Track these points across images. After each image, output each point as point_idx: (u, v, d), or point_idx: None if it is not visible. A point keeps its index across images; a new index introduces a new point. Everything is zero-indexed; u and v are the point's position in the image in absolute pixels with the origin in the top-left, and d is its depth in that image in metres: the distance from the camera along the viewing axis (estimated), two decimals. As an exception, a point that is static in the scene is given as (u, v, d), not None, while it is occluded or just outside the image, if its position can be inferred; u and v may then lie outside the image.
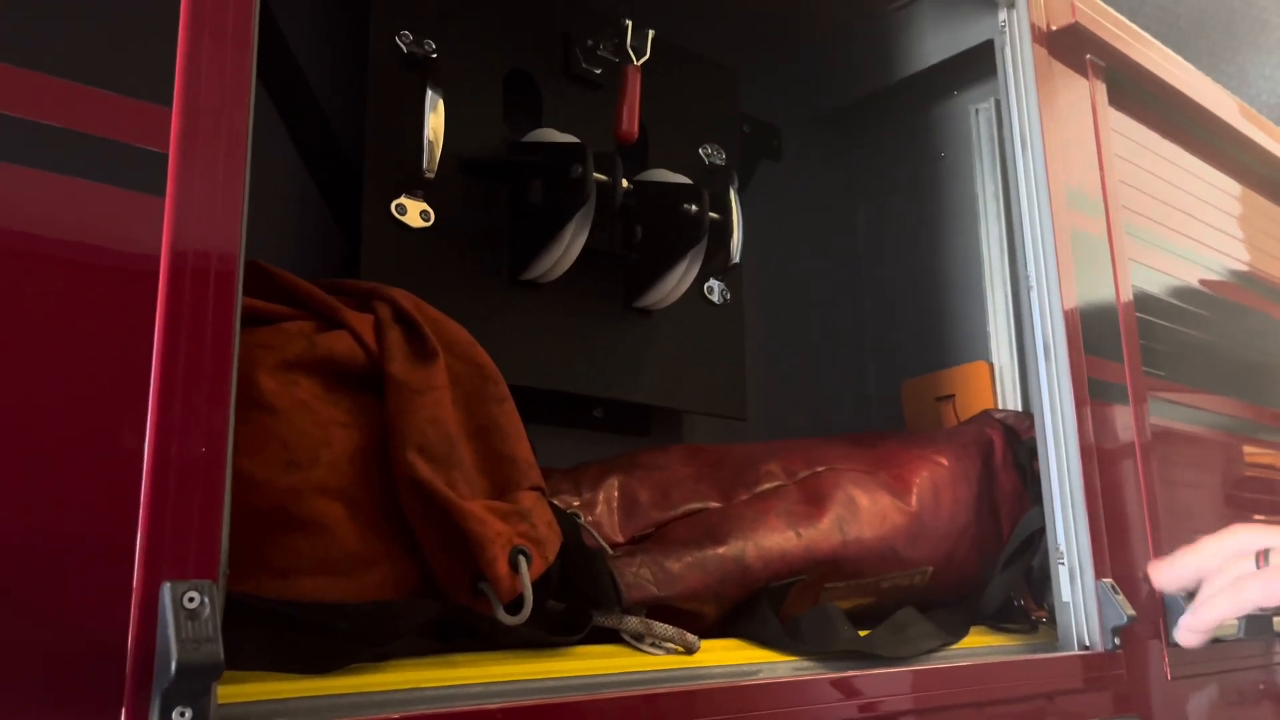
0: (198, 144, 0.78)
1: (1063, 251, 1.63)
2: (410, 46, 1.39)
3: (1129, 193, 1.89)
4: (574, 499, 1.31)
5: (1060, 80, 1.76)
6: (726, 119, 1.83)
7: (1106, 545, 1.55)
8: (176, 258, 0.76)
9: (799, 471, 1.49)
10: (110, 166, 0.74)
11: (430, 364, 1.06)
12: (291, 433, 0.96)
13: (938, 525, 1.53)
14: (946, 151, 2.04)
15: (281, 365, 0.98)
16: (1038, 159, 1.65)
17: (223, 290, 0.78)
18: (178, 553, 0.73)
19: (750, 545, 1.30)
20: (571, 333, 1.51)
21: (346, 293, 1.12)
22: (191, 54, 0.79)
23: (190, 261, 0.77)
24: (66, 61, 0.74)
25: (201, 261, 0.77)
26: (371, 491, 1.00)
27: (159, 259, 0.75)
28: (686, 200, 1.50)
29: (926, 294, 2.03)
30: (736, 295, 1.76)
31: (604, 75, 1.60)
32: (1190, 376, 1.97)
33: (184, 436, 0.75)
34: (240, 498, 0.91)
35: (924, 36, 1.95)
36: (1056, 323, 1.60)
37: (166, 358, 0.74)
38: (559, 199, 1.39)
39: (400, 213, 1.35)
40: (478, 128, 1.45)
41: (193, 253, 0.77)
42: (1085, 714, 1.44)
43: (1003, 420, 1.74)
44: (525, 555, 1.01)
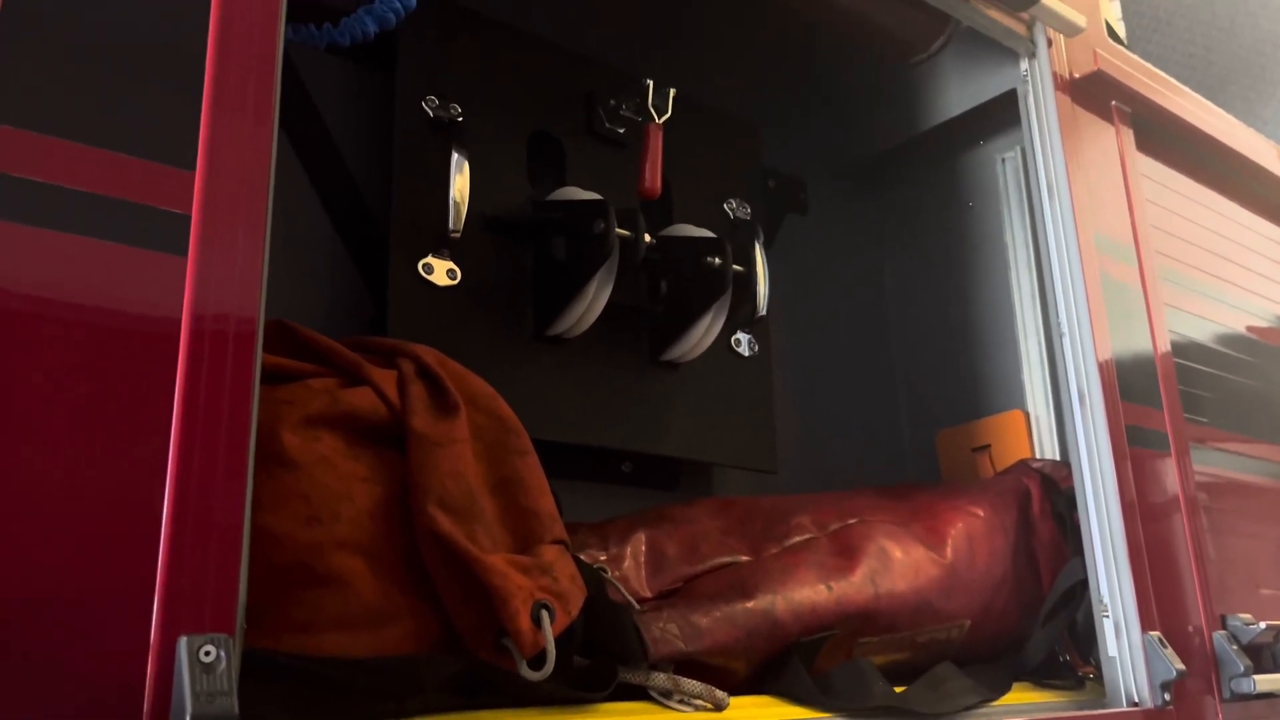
0: (219, 206, 0.81)
1: (1094, 298, 1.61)
2: (436, 110, 1.42)
3: (1162, 238, 1.87)
4: (600, 553, 1.30)
5: (1086, 127, 1.76)
6: (750, 174, 1.85)
7: (1153, 597, 1.51)
8: (197, 317, 0.78)
9: (830, 524, 1.47)
10: (134, 229, 0.77)
11: (452, 417, 1.07)
12: (313, 488, 0.97)
13: (974, 577, 1.50)
14: (974, 201, 2.04)
15: (304, 421, 0.99)
16: (1065, 206, 1.64)
17: (242, 349, 0.80)
18: (195, 606, 0.74)
19: (780, 599, 1.28)
20: (598, 387, 1.51)
21: (371, 350, 1.14)
22: (215, 119, 0.82)
23: (211, 320, 0.79)
24: (94, 128, 0.77)
25: (222, 320, 0.79)
26: (393, 546, 1.00)
27: (180, 318, 0.77)
28: (709, 253, 1.51)
29: (959, 343, 2.01)
30: (764, 347, 1.76)
31: (627, 133, 1.63)
32: (1236, 423, 1.92)
33: (203, 492, 0.76)
34: (262, 553, 0.92)
35: (947, 88, 1.96)
36: (1091, 370, 1.57)
37: (186, 414, 0.76)
38: (582, 255, 1.41)
39: (427, 271, 1.37)
40: (503, 187, 1.48)
41: (213, 312, 0.79)
42: (1135, 774, 1.39)
43: (1040, 470, 1.71)
44: (548, 610, 1.01)
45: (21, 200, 0.73)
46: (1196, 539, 1.64)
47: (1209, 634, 1.57)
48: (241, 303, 0.80)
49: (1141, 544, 1.52)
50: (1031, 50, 1.73)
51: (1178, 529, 1.63)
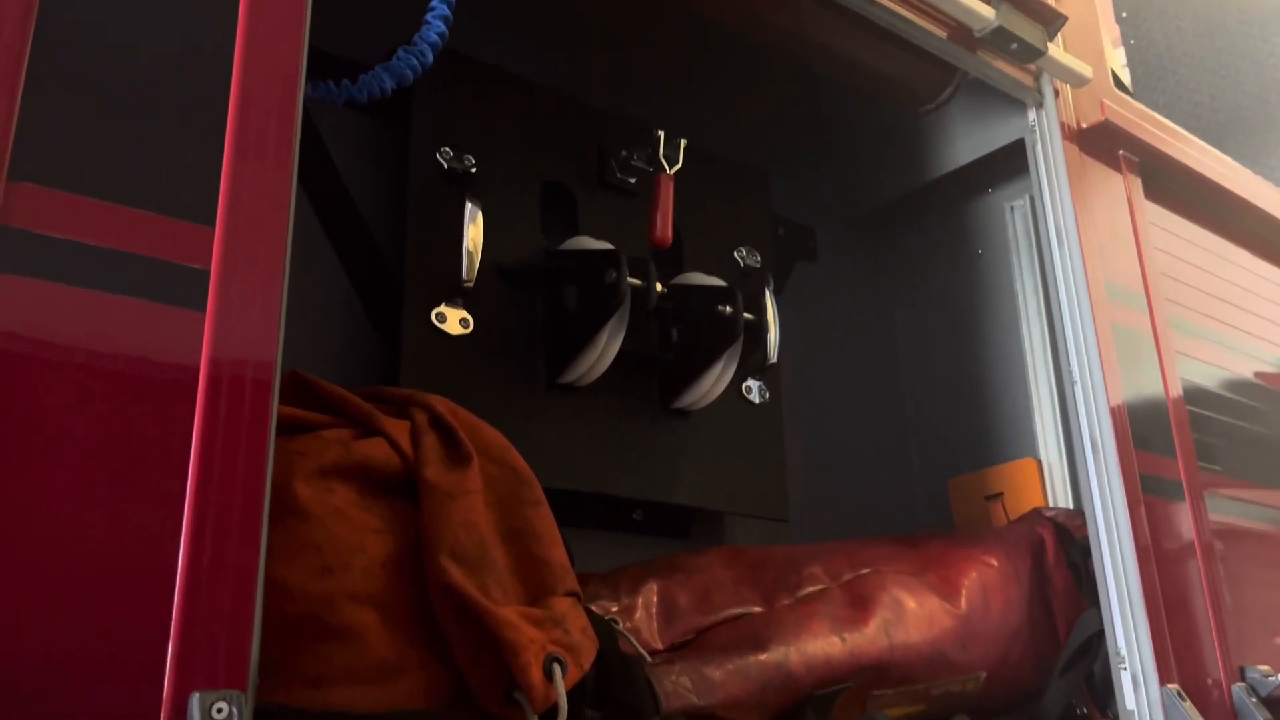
0: (238, 262, 0.82)
1: (1105, 345, 1.61)
2: (450, 162, 1.44)
3: (1172, 285, 1.87)
4: (612, 604, 1.29)
5: (1094, 176, 1.77)
6: (760, 222, 1.86)
7: (1170, 648, 1.49)
8: (215, 370, 0.79)
9: (843, 574, 1.46)
10: (154, 284, 0.78)
11: (465, 468, 1.07)
12: (326, 539, 0.97)
13: (989, 628, 1.49)
14: (984, 248, 2.05)
15: (318, 472, 1.00)
16: (1074, 254, 1.65)
17: (259, 402, 0.80)
18: (208, 663, 0.73)
19: (793, 651, 1.27)
20: (609, 434, 1.52)
21: (385, 400, 1.15)
22: (235, 176, 0.83)
23: (228, 374, 0.79)
24: (117, 186, 0.78)
25: (239, 374, 0.80)
26: (405, 597, 1.00)
27: (198, 371, 0.78)
28: (720, 302, 1.52)
29: (970, 390, 2.01)
30: (775, 395, 1.76)
31: (638, 184, 1.65)
32: (1250, 471, 1.91)
33: (217, 547, 0.76)
34: (274, 604, 0.92)
35: (955, 137, 1.98)
36: (1103, 418, 1.57)
37: (202, 468, 0.76)
38: (594, 304, 1.42)
39: (440, 321, 1.38)
40: (515, 237, 1.49)
41: (230, 365, 0.80)
42: (1156, 831, 1.37)
43: (1053, 518, 1.70)
44: (560, 663, 1.00)
45: (44, 257, 0.74)
46: (1213, 589, 1.62)
47: (1228, 686, 1.55)
48: (259, 356, 0.81)
49: (1158, 594, 1.50)
50: (1039, 100, 1.75)
51: (1194, 579, 1.61)
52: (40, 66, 0.77)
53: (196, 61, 0.85)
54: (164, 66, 0.84)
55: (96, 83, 0.80)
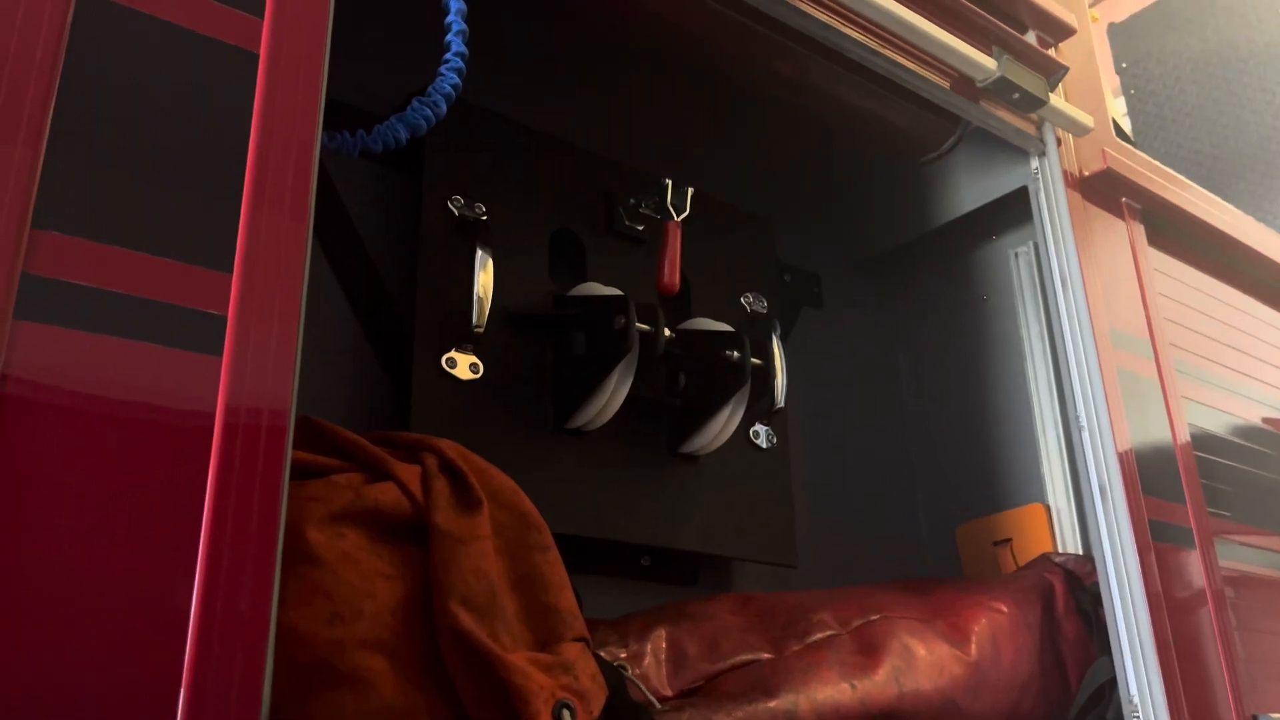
0: (254, 308, 0.83)
1: (1111, 391, 1.62)
2: (461, 209, 1.46)
3: (1178, 331, 1.88)
4: (621, 650, 1.28)
5: (1097, 223, 1.79)
6: (766, 268, 1.88)
7: (1183, 695, 1.47)
8: (231, 415, 0.79)
9: (852, 620, 1.45)
10: (172, 330, 0.79)
11: (475, 514, 1.07)
12: (336, 585, 0.97)
13: (999, 676, 1.47)
14: (989, 295, 2.06)
15: (329, 518, 1.00)
16: (1079, 300, 1.66)
17: (273, 448, 0.81)
18: (219, 708, 0.73)
19: (803, 698, 1.26)
20: (617, 480, 1.52)
21: (395, 444, 1.15)
22: (252, 224, 0.85)
23: (244, 419, 0.80)
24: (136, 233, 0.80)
25: (254, 419, 0.81)
26: (414, 643, 1.00)
27: (214, 416, 0.79)
28: (728, 347, 1.53)
29: (976, 436, 2.01)
30: (783, 440, 1.76)
31: (646, 231, 1.66)
32: (1259, 517, 1.90)
33: (230, 592, 0.76)
34: (284, 651, 0.92)
35: (959, 185, 2.00)
36: (1111, 463, 1.57)
37: (217, 513, 0.77)
38: (603, 349, 1.43)
39: (450, 365, 1.39)
40: (525, 284, 1.51)
41: (246, 411, 0.80)
42: None
43: (1063, 565, 1.69)
44: (569, 709, 1.00)
45: (66, 303, 0.75)
46: (1225, 636, 1.61)
47: (1242, 736, 1.53)
48: (274, 402, 0.81)
49: (1170, 641, 1.49)
50: (1041, 149, 1.77)
51: (1205, 625, 1.60)
52: (64, 118, 0.79)
53: (216, 113, 0.87)
54: (184, 118, 0.86)
55: (118, 133, 0.82)
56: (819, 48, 1.54)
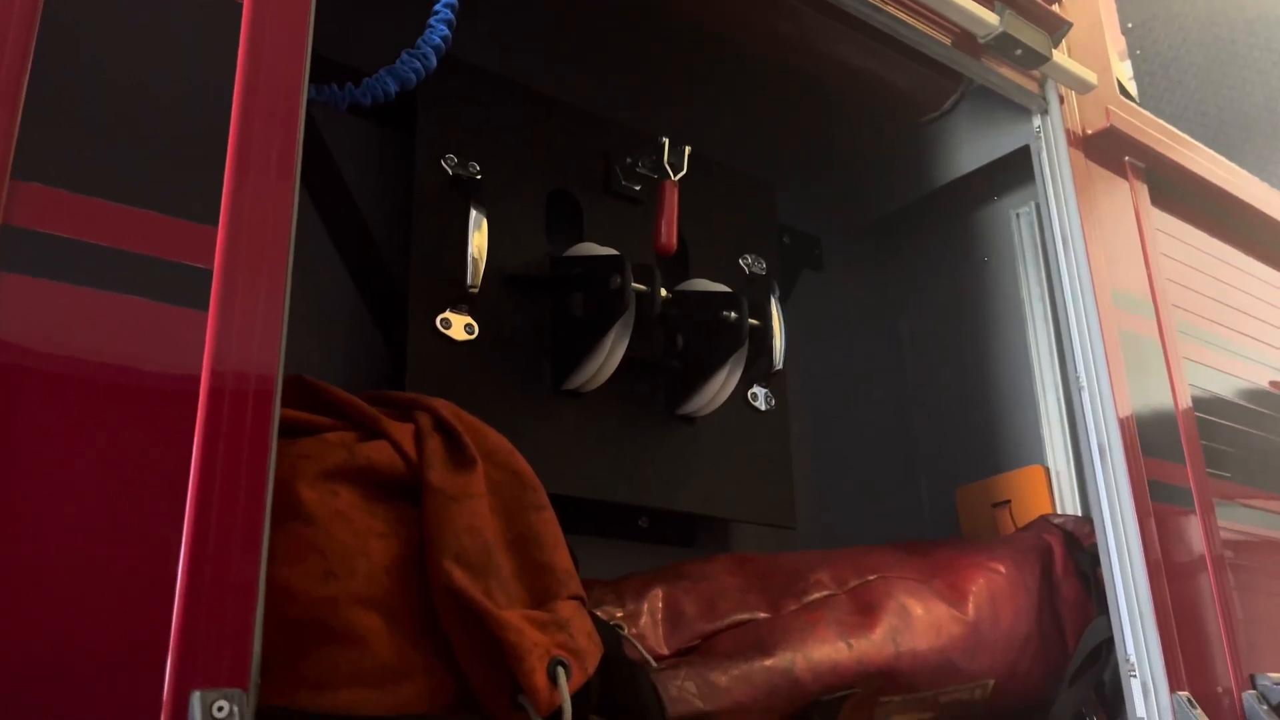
0: (241, 261, 0.82)
1: (1112, 352, 1.61)
2: (455, 168, 1.45)
3: (1180, 292, 1.86)
4: (617, 610, 1.28)
5: (1099, 182, 1.77)
6: (765, 230, 1.86)
7: (1180, 656, 1.47)
8: (218, 369, 0.79)
9: (850, 580, 1.45)
10: (157, 283, 0.78)
11: (469, 472, 1.07)
12: (329, 543, 0.96)
13: (997, 636, 1.47)
14: (990, 256, 2.04)
15: (322, 475, 0.99)
16: (1080, 260, 1.65)
17: (261, 402, 0.80)
18: (209, 661, 0.73)
19: (799, 657, 1.26)
20: (614, 441, 1.51)
21: (389, 404, 1.14)
22: (238, 176, 0.83)
23: (231, 374, 0.79)
24: (119, 185, 0.79)
25: (242, 374, 0.80)
26: (409, 601, 0.99)
27: (200, 372, 0.78)
28: (725, 308, 1.52)
29: (976, 398, 2.01)
30: (781, 402, 1.75)
31: (643, 191, 1.65)
32: (1260, 479, 1.90)
33: (219, 546, 0.76)
34: (278, 608, 0.91)
35: (960, 145, 1.98)
36: (1111, 424, 1.56)
37: (204, 467, 0.76)
38: (599, 309, 1.42)
39: (445, 326, 1.38)
40: (521, 244, 1.50)
41: (233, 365, 0.80)
42: (1168, 841, 1.35)
43: (1062, 526, 1.69)
44: (564, 666, 0.99)
45: (47, 256, 0.74)
46: (1224, 596, 1.61)
47: (1239, 694, 1.53)
48: (261, 357, 0.81)
49: (1168, 601, 1.49)
50: (1044, 107, 1.75)
51: (1204, 586, 1.60)
52: (43, 67, 0.78)
53: (200, 62, 0.85)
54: (167, 68, 0.84)
55: (99, 84, 0.81)
56: (820, 5, 1.51)
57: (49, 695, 0.68)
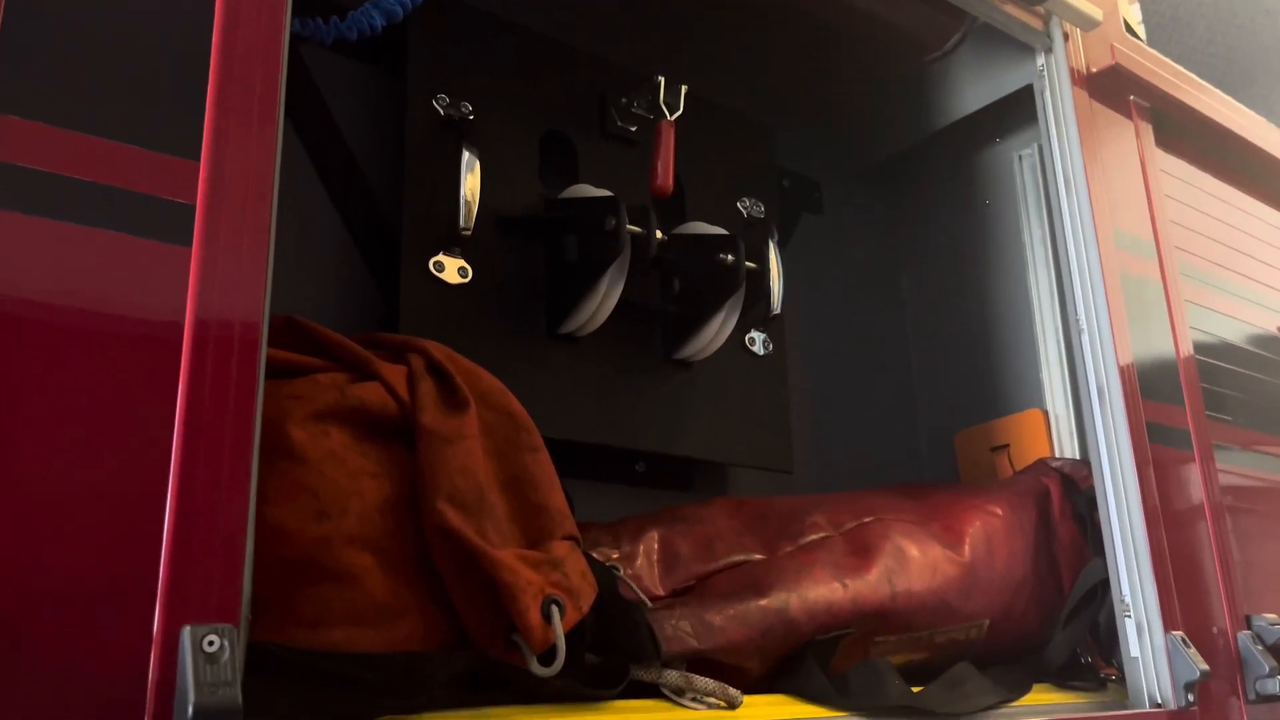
0: (224, 196, 0.80)
1: (1113, 294, 1.59)
2: (447, 109, 1.42)
3: (1182, 234, 1.84)
4: (613, 552, 1.29)
5: (1103, 122, 1.74)
6: (764, 173, 1.84)
7: (1176, 596, 1.48)
8: (202, 306, 0.78)
9: (845, 523, 1.45)
10: (138, 218, 0.77)
11: (461, 413, 1.06)
12: (322, 483, 0.96)
13: (993, 577, 1.48)
14: (991, 199, 2.02)
15: (313, 416, 0.99)
16: (1083, 201, 1.62)
17: (248, 337, 0.79)
18: (199, 597, 0.73)
19: (794, 597, 1.27)
20: (611, 385, 1.51)
21: (382, 346, 1.14)
22: (220, 109, 0.82)
23: (216, 309, 0.78)
24: (98, 119, 0.77)
25: (227, 309, 0.79)
26: (402, 542, 1.00)
27: (185, 308, 0.77)
28: (722, 250, 1.50)
29: (976, 342, 1.99)
30: (779, 346, 1.74)
31: (639, 132, 1.62)
32: (1262, 423, 1.89)
33: (207, 483, 0.75)
34: (271, 548, 0.92)
35: (963, 85, 1.94)
36: (1110, 366, 1.55)
37: (190, 403, 0.76)
38: (594, 252, 1.40)
39: (438, 270, 1.37)
40: (514, 186, 1.48)
41: (219, 300, 0.79)
42: (1159, 777, 1.37)
43: (1059, 469, 1.69)
44: (558, 605, 1.00)
45: (25, 190, 0.73)
46: (1220, 538, 1.61)
47: (1233, 634, 1.54)
48: (247, 292, 0.80)
49: (1164, 543, 1.49)
50: (1048, 45, 1.71)
51: (1201, 528, 1.60)
52: (21, 0, 0.76)
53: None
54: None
55: (77, 15, 0.79)
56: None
57: (43, 633, 0.69)
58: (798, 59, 1.98)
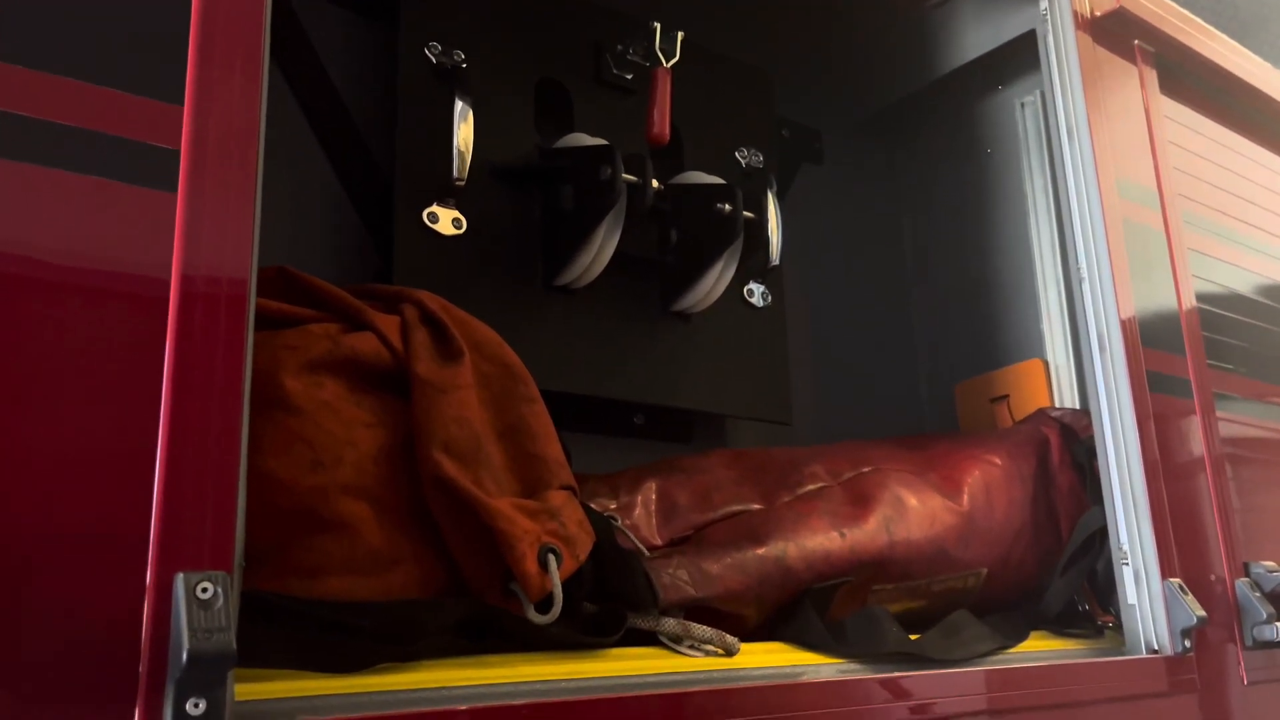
0: (209, 141, 0.79)
1: (1115, 241, 1.57)
2: (439, 57, 1.40)
3: (1186, 181, 1.82)
4: (611, 502, 1.29)
5: (1107, 68, 1.71)
6: (763, 122, 1.81)
7: (1174, 544, 1.48)
8: (189, 252, 0.77)
9: (844, 472, 1.45)
10: (121, 163, 0.75)
11: (456, 363, 1.06)
12: (316, 433, 0.96)
13: (991, 526, 1.48)
14: (993, 148, 2.00)
15: (306, 366, 0.99)
16: (1085, 148, 1.60)
17: (235, 284, 0.78)
18: (192, 544, 0.73)
19: (792, 546, 1.27)
20: (608, 337, 1.50)
21: (375, 296, 1.13)
22: (203, 52, 0.80)
23: (203, 256, 0.77)
24: (78, 62, 0.75)
25: (215, 256, 0.78)
26: (398, 491, 0.99)
27: (171, 253, 0.76)
28: (719, 200, 1.49)
29: (977, 293, 1.98)
30: (779, 298, 1.73)
31: (635, 80, 1.60)
32: (1264, 372, 1.88)
33: (198, 429, 0.75)
34: (266, 498, 0.92)
35: (964, 31, 1.91)
36: (1110, 315, 1.54)
37: (179, 350, 0.75)
38: (589, 202, 1.39)
39: (432, 220, 1.36)
40: (508, 136, 1.46)
41: (205, 247, 0.78)
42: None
43: (1059, 419, 1.68)
44: (554, 553, 1.00)
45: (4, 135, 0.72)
46: (1220, 486, 1.61)
47: (1231, 581, 1.55)
48: (235, 236, 0.79)
49: (1162, 491, 1.49)
50: (1051, -13, 1.68)
51: (1200, 476, 1.60)
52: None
53: (159, -67, 0.81)
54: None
55: (55, -44, 0.77)
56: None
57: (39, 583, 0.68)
58: (797, 5, 1.94)
